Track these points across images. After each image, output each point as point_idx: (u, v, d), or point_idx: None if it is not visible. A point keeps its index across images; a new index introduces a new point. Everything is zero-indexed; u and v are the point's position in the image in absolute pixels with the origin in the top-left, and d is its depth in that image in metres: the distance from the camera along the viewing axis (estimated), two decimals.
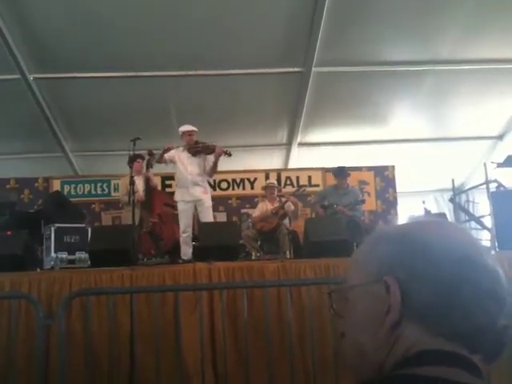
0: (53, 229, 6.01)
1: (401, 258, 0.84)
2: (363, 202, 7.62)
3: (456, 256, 0.81)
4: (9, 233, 5.44)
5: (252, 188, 9.44)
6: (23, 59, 7.32)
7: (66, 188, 9.20)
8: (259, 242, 7.23)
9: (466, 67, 8.01)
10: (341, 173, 7.52)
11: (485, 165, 8.02)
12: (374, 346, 0.84)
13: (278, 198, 7.64)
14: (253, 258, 6.51)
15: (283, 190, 8.60)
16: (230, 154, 6.44)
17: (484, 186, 7.92)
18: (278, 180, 9.17)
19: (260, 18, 6.95)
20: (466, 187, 10.06)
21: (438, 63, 7.92)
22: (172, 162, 6.77)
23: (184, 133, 6.71)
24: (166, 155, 6.78)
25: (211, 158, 6.54)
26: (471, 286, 0.79)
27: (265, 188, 7.91)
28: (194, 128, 6.76)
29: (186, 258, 5.98)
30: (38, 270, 5.54)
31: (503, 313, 0.81)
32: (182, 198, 6.61)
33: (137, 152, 6.66)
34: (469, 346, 0.80)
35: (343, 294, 0.93)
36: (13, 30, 6.84)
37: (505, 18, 7.05)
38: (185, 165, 6.70)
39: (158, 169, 7.50)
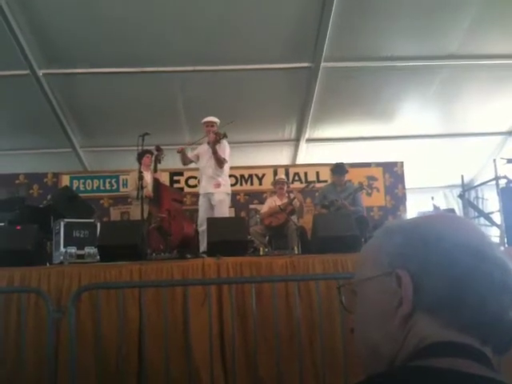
0: (62, 224, 6.03)
1: (413, 250, 0.84)
2: (361, 189, 7.53)
3: (468, 249, 0.81)
4: (18, 227, 5.48)
5: (260, 184, 9.43)
6: (33, 55, 7.35)
7: (75, 183, 9.24)
8: (267, 238, 7.23)
9: (476, 62, 7.94)
10: (339, 170, 7.41)
11: (494, 161, 7.97)
12: (385, 339, 0.84)
13: (286, 194, 7.63)
14: (261, 253, 6.51)
15: (291, 186, 8.59)
16: (223, 136, 6.34)
17: (493, 183, 7.87)
18: (287, 176, 9.14)
19: (269, 13, 6.92)
20: (476, 183, 10.00)
21: (448, 58, 7.85)
22: (197, 158, 6.79)
23: (203, 123, 6.70)
24: (190, 155, 6.79)
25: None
26: (483, 279, 0.80)
27: (274, 183, 7.88)
28: (213, 119, 6.74)
29: (201, 252, 5.99)
30: (48, 264, 5.57)
31: None
32: (200, 192, 6.64)
33: (145, 147, 6.68)
34: (480, 338, 0.80)
35: (353, 289, 0.93)
36: (22, 26, 6.86)
37: None
38: (203, 159, 6.69)
39: (166, 165, 7.52)
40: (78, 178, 9.35)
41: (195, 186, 8.79)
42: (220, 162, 6.57)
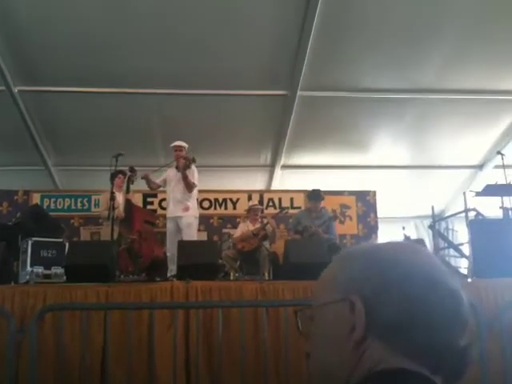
0: (30, 242, 5.93)
1: (369, 275, 0.84)
2: (336, 217, 7.61)
3: (422, 276, 0.82)
4: None
5: (234, 208, 9.42)
6: (9, 71, 7.28)
7: (46, 202, 9.10)
8: (239, 263, 7.20)
9: (448, 97, 8.14)
10: (316, 196, 7.48)
11: (464, 193, 8.12)
12: (339, 364, 0.84)
13: (259, 219, 7.64)
14: (231, 278, 6.48)
15: (265, 211, 8.60)
16: (192, 161, 6.37)
17: (463, 214, 8.00)
18: (261, 201, 9.17)
19: (247, 40, 7.01)
20: (446, 214, 10.15)
21: (421, 92, 8.04)
22: (165, 182, 6.79)
23: (173, 147, 6.73)
24: (158, 180, 6.79)
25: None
26: (435, 306, 0.80)
27: (248, 210, 7.87)
28: (181, 143, 6.78)
29: (169, 276, 5.93)
30: (13, 283, 5.44)
31: (465, 334, 0.82)
32: (168, 215, 6.61)
33: (119, 168, 6.64)
34: (431, 366, 0.80)
35: (309, 314, 0.93)
36: None
37: (488, 50, 7.20)
38: (170, 182, 6.70)
39: (140, 185, 7.47)
40: (49, 197, 9.21)
41: None
42: (190, 186, 6.59)
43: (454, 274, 0.88)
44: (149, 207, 9.01)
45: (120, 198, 6.95)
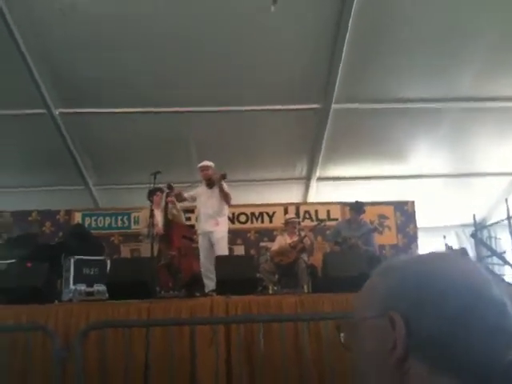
0: (72, 261, 6.06)
1: (406, 290, 0.82)
2: (375, 229, 7.56)
3: (463, 289, 0.80)
4: (29, 265, 5.50)
5: (271, 222, 9.43)
6: (49, 95, 7.53)
7: (87, 220, 9.31)
8: (277, 276, 7.18)
9: (485, 105, 8.00)
10: (358, 208, 7.49)
11: (506, 200, 7.92)
12: (381, 381, 0.83)
13: (297, 232, 7.62)
14: (270, 291, 6.46)
15: (302, 224, 8.57)
16: (223, 176, 6.46)
17: (506, 222, 7.80)
18: (297, 214, 9.15)
19: (280, 54, 7.05)
20: (488, 222, 9.91)
21: (457, 100, 7.93)
22: (193, 198, 6.89)
23: (199, 168, 6.86)
24: (186, 194, 6.90)
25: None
26: (477, 320, 0.77)
27: (286, 223, 7.86)
28: (207, 163, 6.88)
29: (207, 291, 5.97)
30: (56, 302, 5.56)
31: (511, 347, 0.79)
32: (199, 232, 6.70)
33: (157, 185, 6.74)
34: (475, 381, 0.78)
35: (351, 328, 0.92)
36: (39, 66, 7.05)
37: None
38: (201, 199, 6.81)
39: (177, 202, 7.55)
40: (90, 215, 9.42)
41: None
42: (227, 196, 6.68)
43: (500, 283, 0.84)
44: (187, 223, 9.09)
45: (159, 215, 7.03)
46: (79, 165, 8.99)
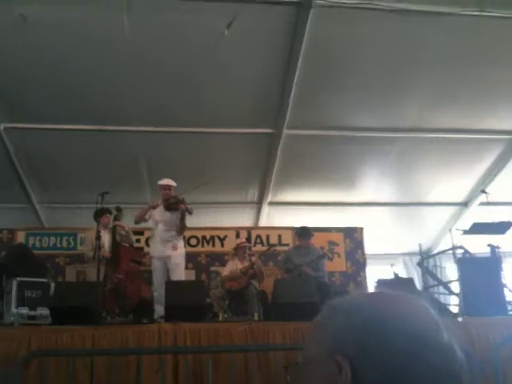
0: (14, 283, 5.80)
1: (353, 333, 0.81)
2: (324, 256, 7.63)
3: (409, 333, 0.78)
4: None
5: (222, 245, 9.35)
6: None
7: (31, 240, 8.96)
8: (227, 302, 7.10)
9: (432, 135, 8.26)
10: (305, 233, 7.53)
11: (451, 231, 8.16)
12: None
13: (248, 257, 7.58)
14: (220, 319, 6.37)
15: (253, 249, 8.54)
16: (190, 213, 6.40)
17: (451, 251, 8.02)
18: (249, 238, 9.11)
19: (234, 79, 7.08)
20: (434, 251, 10.17)
21: (405, 131, 8.15)
22: (150, 217, 6.75)
23: (160, 186, 6.71)
24: (147, 215, 6.73)
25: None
26: (423, 366, 0.76)
27: (236, 248, 7.81)
28: (171, 182, 6.76)
29: (156, 318, 5.82)
30: None
31: None
32: (153, 254, 6.55)
33: (105, 206, 6.58)
34: None
35: (298, 370, 0.91)
36: None
37: (469, 90, 7.35)
38: (158, 220, 6.66)
39: (126, 224, 7.38)
40: (34, 235, 9.08)
41: None
42: (184, 229, 6.59)
43: (449, 326, 0.84)
44: (135, 245, 8.90)
45: (105, 237, 6.86)
46: (23, 181, 8.66)
